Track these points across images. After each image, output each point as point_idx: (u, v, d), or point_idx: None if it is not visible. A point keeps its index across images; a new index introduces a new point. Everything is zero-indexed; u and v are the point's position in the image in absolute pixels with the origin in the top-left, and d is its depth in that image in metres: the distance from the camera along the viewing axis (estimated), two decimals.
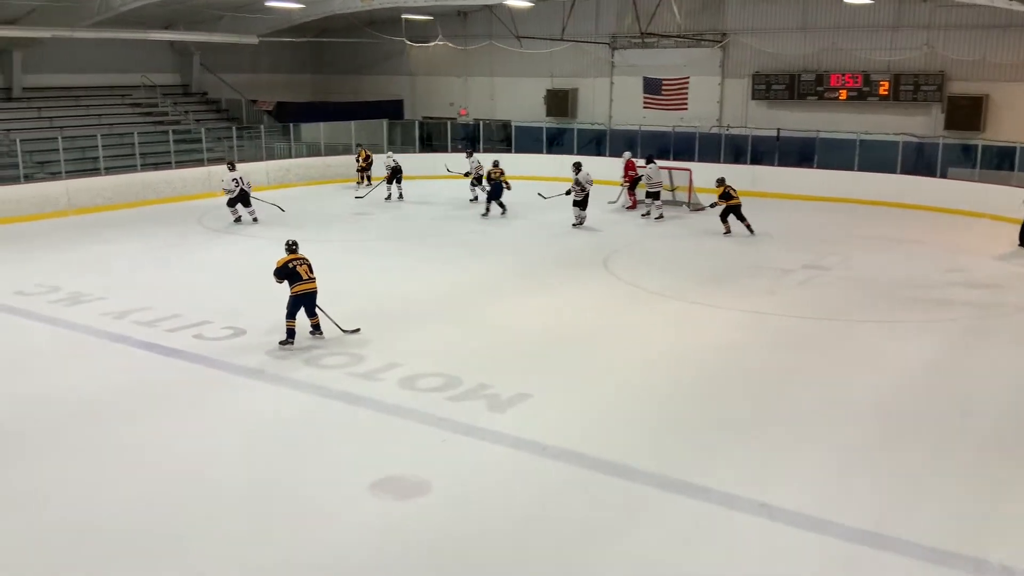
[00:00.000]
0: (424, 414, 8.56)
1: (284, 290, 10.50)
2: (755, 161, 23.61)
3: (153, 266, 15.15)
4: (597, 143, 26.02)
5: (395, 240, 17.12)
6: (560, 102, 28.00)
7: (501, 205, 19.59)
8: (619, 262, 15.43)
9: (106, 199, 19.54)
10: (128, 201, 20.75)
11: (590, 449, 7.80)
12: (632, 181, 20.83)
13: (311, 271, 10.56)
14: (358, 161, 23.96)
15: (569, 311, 12.42)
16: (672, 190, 21.34)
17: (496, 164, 19.86)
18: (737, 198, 17.31)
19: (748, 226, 17.35)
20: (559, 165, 21.47)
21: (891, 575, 6.06)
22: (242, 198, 18.41)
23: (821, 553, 6.27)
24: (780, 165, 23.29)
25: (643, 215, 19.85)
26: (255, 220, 18.57)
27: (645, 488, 7.15)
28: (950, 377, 9.89)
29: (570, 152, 25.60)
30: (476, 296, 13.19)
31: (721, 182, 17.45)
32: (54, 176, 20.34)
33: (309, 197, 22.07)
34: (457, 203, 21.63)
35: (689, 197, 20.96)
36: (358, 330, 10.95)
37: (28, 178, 19.99)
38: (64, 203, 19.41)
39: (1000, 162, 20.71)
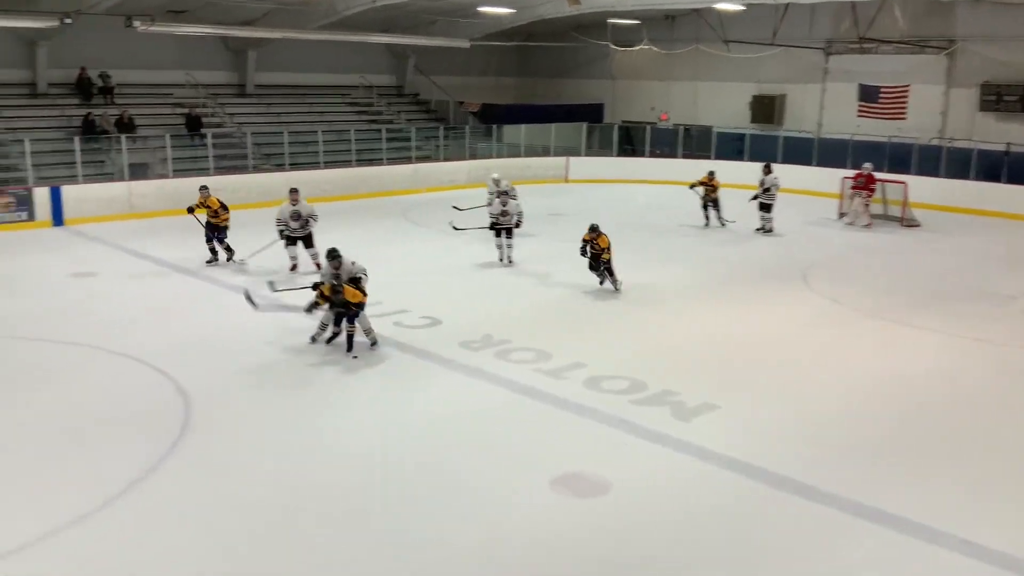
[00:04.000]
0: (607, 415, 8.56)
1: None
2: (981, 177, 21.89)
3: (360, 255, 15.95)
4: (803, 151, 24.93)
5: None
6: (766, 108, 27.13)
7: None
8: (820, 277, 14.74)
9: (323, 191, 20.88)
10: (342, 194, 22.07)
11: (776, 466, 7.51)
12: (870, 195, 19.58)
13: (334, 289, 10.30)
14: (200, 210, 15.32)
15: (763, 324, 12.02)
16: (884, 204, 20.21)
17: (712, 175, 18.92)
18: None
19: None
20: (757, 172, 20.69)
21: None
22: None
23: None
24: (1009, 182, 21.42)
25: (756, 230, 18.41)
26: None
27: (830, 511, 6.82)
28: None
29: (774, 159, 24.76)
30: (665, 303, 13.03)
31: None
32: (279, 167, 21.96)
33: None
34: (652, 209, 21.48)
35: (903, 212, 19.70)
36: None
37: (255, 168, 21.72)
38: (284, 193, 20.85)
39: None
